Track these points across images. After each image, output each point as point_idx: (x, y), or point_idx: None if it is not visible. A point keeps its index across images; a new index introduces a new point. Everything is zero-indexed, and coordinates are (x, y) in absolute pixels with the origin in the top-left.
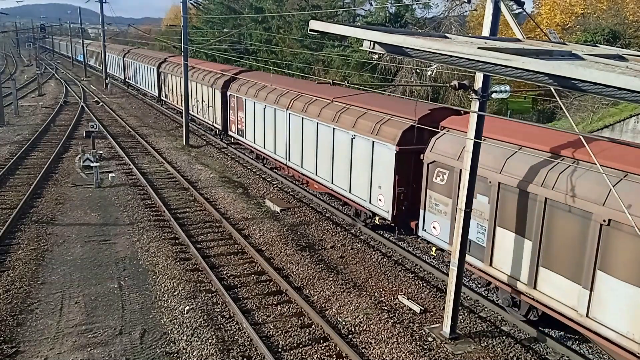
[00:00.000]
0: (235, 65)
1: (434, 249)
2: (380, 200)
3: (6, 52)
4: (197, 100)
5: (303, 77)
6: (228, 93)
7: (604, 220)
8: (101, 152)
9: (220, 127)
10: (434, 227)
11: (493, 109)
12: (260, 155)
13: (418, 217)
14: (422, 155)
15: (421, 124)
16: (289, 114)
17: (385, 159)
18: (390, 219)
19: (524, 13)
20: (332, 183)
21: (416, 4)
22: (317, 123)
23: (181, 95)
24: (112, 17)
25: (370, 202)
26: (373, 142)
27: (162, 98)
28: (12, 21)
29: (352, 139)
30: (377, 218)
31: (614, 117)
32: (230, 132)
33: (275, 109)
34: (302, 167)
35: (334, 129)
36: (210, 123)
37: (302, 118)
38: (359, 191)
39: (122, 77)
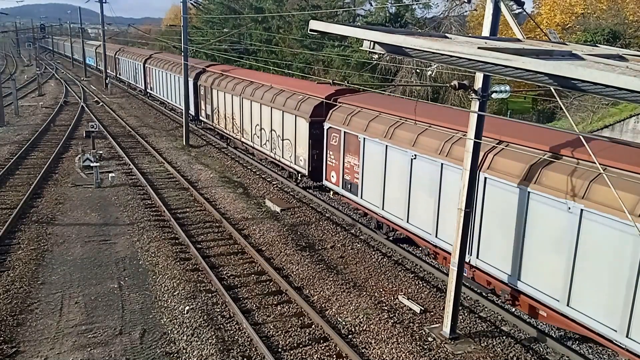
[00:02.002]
0: (323, 82)
1: None
2: None
3: (6, 52)
4: (258, 127)
5: (303, 77)
6: (326, 126)
7: None
8: (101, 152)
9: (304, 171)
10: None
11: (493, 109)
12: (384, 225)
13: None
14: None
15: None
16: (485, 178)
17: None
18: None
19: (524, 13)
20: (627, 337)
21: (416, 4)
22: (582, 210)
23: (234, 119)
24: (112, 17)
25: None
26: None
27: (200, 118)
28: (12, 21)
29: None
30: None
31: (614, 117)
32: (327, 182)
33: (442, 164)
34: (519, 278)
35: None
36: (285, 162)
37: (528, 192)
38: None
39: (143, 88)
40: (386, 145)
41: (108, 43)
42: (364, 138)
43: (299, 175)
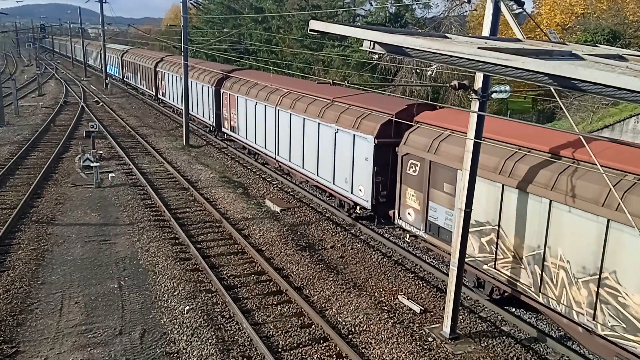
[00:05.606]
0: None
1: None
2: None
3: (6, 52)
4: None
5: (303, 77)
6: None
7: None
8: (101, 152)
9: None
10: None
11: (493, 109)
12: None
13: None
14: None
15: None
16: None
17: None
18: None
19: (524, 13)
20: None
21: (416, 4)
22: None
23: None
24: (112, 17)
25: None
26: None
27: (357, 200)
28: (12, 21)
29: None
30: None
31: (614, 117)
32: None
33: None
34: None
35: None
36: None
37: None
38: None
39: (214, 125)
40: None
41: (141, 49)
42: None
43: None
